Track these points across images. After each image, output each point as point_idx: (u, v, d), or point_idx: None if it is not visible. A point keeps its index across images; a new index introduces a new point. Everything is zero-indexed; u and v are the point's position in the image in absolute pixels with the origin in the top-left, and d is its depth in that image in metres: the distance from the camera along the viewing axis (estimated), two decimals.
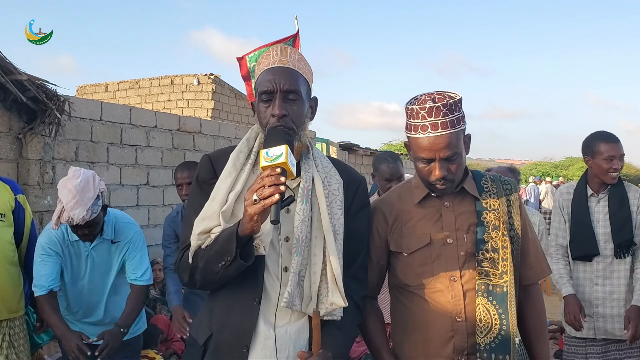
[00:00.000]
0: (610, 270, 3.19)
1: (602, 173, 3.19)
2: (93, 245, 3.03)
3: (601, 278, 3.21)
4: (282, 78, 1.73)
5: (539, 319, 2.02)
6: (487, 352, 1.81)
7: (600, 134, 3.28)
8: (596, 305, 3.21)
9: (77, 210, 2.73)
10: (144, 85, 16.27)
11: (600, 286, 3.21)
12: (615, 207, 3.20)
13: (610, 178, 3.18)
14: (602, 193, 3.26)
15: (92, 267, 3.06)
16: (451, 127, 1.77)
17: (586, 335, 3.24)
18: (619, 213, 3.18)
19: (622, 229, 3.16)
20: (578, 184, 3.36)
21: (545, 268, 2.04)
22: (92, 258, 3.06)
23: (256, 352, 1.72)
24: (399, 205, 1.99)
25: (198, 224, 1.70)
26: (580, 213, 3.26)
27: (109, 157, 5.69)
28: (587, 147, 3.29)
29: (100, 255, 3.08)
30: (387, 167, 3.73)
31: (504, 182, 1.99)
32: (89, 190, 2.78)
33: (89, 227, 2.87)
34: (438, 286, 1.87)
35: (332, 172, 1.85)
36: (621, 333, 3.16)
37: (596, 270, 3.22)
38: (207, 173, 1.85)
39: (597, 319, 3.21)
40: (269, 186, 1.49)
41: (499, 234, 1.87)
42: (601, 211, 3.24)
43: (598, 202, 3.26)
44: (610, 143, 3.19)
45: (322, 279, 1.74)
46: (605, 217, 3.22)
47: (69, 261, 3.03)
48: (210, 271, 1.68)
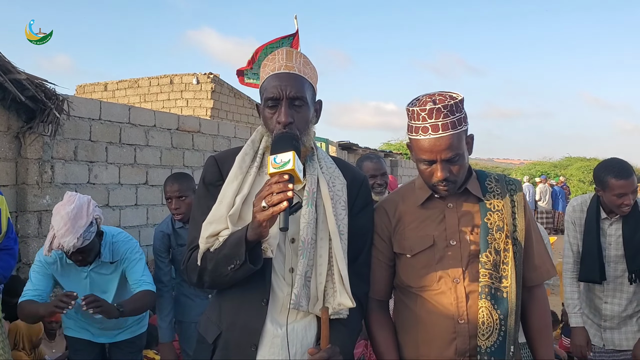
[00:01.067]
0: (620, 290, 3.15)
1: (613, 207, 3.05)
2: (92, 268, 3.05)
3: (610, 297, 3.17)
4: (288, 84, 1.74)
5: (544, 320, 2.01)
6: (487, 355, 1.80)
7: (612, 168, 3.03)
8: (604, 319, 3.19)
9: (68, 238, 2.73)
10: (143, 84, 16.24)
11: (609, 305, 3.17)
12: (629, 232, 3.07)
13: (622, 212, 3.04)
14: (615, 217, 3.13)
15: (92, 286, 3.07)
16: (452, 128, 1.76)
17: (593, 342, 3.24)
18: (634, 239, 3.05)
19: (637, 256, 3.05)
20: (591, 204, 3.20)
21: (550, 269, 2.02)
22: (91, 278, 3.08)
23: (264, 351, 1.76)
24: (402, 206, 1.98)
25: (206, 227, 1.73)
26: (592, 236, 3.15)
27: (108, 156, 5.68)
28: (597, 178, 3.09)
29: (100, 276, 3.10)
30: (370, 163, 3.89)
31: (508, 182, 1.98)
32: (82, 217, 2.79)
33: (81, 253, 2.87)
34: (441, 288, 1.86)
35: (336, 173, 1.87)
36: (628, 344, 3.15)
37: (605, 290, 3.18)
38: (213, 175, 1.87)
39: (604, 331, 3.20)
40: (278, 193, 1.50)
41: (502, 235, 1.86)
42: (614, 234, 3.14)
43: (611, 224, 3.15)
44: (621, 180, 2.95)
45: (327, 280, 1.77)
46: (617, 239, 3.12)
47: (67, 279, 3.05)
48: (220, 274, 1.71)
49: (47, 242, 2.80)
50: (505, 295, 1.83)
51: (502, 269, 1.85)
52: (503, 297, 1.83)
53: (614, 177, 2.96)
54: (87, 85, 17.13)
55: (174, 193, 3.35)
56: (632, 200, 2.99)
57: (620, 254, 3.10)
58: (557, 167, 32.08)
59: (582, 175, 27.94)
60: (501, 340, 1.81)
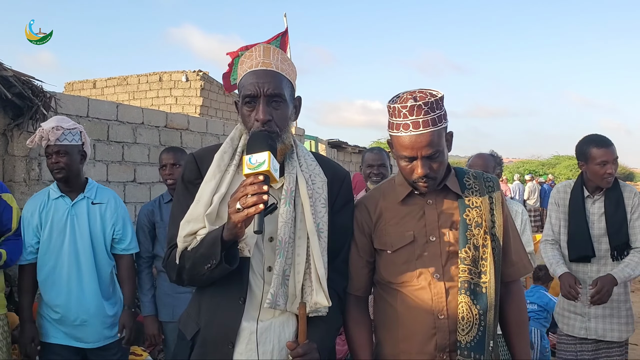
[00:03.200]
0: (604, 271, 3.17)
1: (596, 178, 3.16)
2: (74, 202, 3.14)
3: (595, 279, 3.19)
4: (266, 82, 1.72)
5: (520, 315, 2.04)
6: (467, 351, 1.82)
7: (592, 139, 3.23)
8: (589, 306, 3.19)
9: (52, 124, 3.05)
10: (132, 82, 16.16)
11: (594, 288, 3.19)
12: (611, 209, 3.17)
13: (606, 182, 3.15)
14: (598, 194, 3.24)
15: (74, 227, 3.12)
16: (432, 125, 1.78)
17: (577, 334, 3.26)
18: (616, 215, 3.16)
19: (619, 232, 3.15)
20: (575, 185, 3.33)
21: (527, 265, 2.04)
22: (73, 216, 3.13)
23: (241, 348, 1.76)
24: (382, 202, 2.00)
25: (184, 226, 1.73)
26: (577, 215, 3.24)
27: (96, 153, 5.66)
28: (579, 152, 3.25)
29: (82, 215, 3.15)
30: (370, 154, 4.06)
31: (486, 179, 2.00)
32: (67, 121, 3.12)
33: (59, 154, 3.05)
34: (421, 283, 1.88)
35: (317, 171, 1.86)
36: (612, 335, 3.19)
37: (590, 272, 3.22)
38: (192, 173, 1.86)
39: (589, 319, 3.22)
40: (252, 195, 1.49)
41: (480, 231, 1.89)
42: (596, 212, 3.23)
43: (594, 203, 3.24)
44: (602, 148, 3.14)
45: (305, 278, 1.77)
46: (600, 218, 3.21)
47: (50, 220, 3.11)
48: (197, 273, 1.71)
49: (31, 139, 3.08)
50: (485, 290, 1.86)
51: (481, 264, 1.87)
52: (482, 292, 1.86)
53: (595, 146, 3.14)
54: (75, 83, 17.03)
55: (169, 160, 3.59)
56: (614, 170, 3.12)
57: (603, 232, 3.18)
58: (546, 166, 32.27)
59: (570, 173, 28.14)
60: (480, 335, 1.84)
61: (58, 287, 3.10)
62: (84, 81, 17.03)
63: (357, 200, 2.09)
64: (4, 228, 3.11)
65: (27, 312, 3.13)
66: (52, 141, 3.02)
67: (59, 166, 3.07)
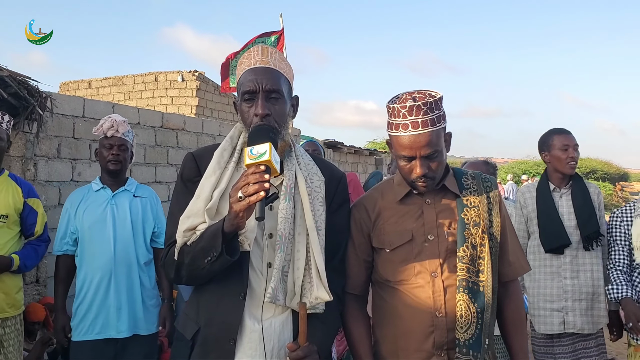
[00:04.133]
0: (577, 263, 3.23)
1: (560, 165, 3.29)
2: (115, 193, 3.24)
3: (569, 271, 3.24)
4: (264, 78, 1.76)
5: (518, 314, 2.05)
6: (465, 348, 1.83)
7: (553, 129, 3.42)
8: (565, 299, 3.23)
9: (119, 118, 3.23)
10: (127, 82, 16.14)
11: (569, 279, 3.23)
12: (579, 200, 3.27)
13: (569, 168, 3.27)
14: (564, 188, 3.33)
15: (114, 216, 3.19)
16: (431, 125, 1.80)
17: (557, 330, 3.25)
18: (584, 206, 3.25)
19: (589, 222, 3.22)
20: (540, 181, 3.44)
21: (524, 265, 2.06)
22: (113, 206, 3.20)
23: (242, 346, 1.76)
24: (381, 202, 2.02)
25: (183, 221, 1.73)
26: (547, 207, 3.32)
27: (92, 153, 5.63)
28: (542, 143, 3.42)
29: (122, 205, 3.23)
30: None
31: (484, 180, 2.02)
32: None
33: (120, 147, 3.21)
34: (419, 282, 1.90)
35: (314, 170, 1.89)
36: (590, 327, 3.20)
37: (563, 264, 3.26)
38: (191, 171, 1.88)
39: (566, 313, 3.23)
40: (254, 184, 1.51)
41: (478, 230, 1.90)
42: (565, 205, 3.31)
43: (561, 196, 3.33)
44: (562, 134, 3.32)
45: (305, 274, 1.78)
46: (569, 210, 3.28)
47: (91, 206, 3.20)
48: (196, 267, 1.71)
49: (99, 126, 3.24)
50: (482, 289, 1.87)
51: (479, 263, 1.89)
52: (480, 290, 1.87)
53: (556, 134, 3.34)
54: (71, 83, 16.99)
55: None
56: (576, 156, 3.27)
57: (574, 224, 3.25)
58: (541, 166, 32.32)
59: None
60: (478, 333, 1.85)
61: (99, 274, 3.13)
62: (79, 81, 16.99)
63: (356, 200, 2.12)
64: (28, 232, 3.19)
65: (61, 301, 3.21)
66: (120, 133, 3.21)
67: (118, 159, 3.21)
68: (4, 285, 3.05)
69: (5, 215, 3.07)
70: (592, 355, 3.23)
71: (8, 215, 3.09)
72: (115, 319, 3.12)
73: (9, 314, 3.09)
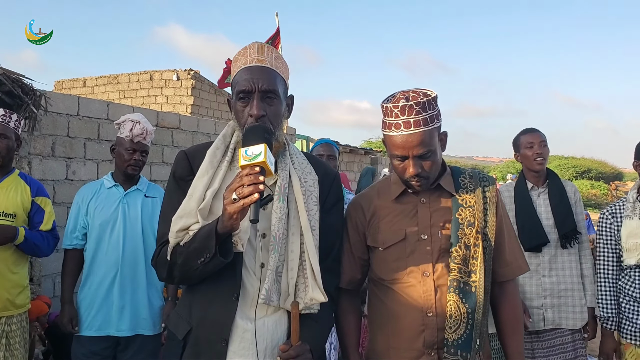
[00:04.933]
0: (555, 261, 3.28)
1: (529, 162, 3.36)
2: (127, 192, 3.24)
3: (547, 269, 3.28)
4: (261, 78, 1.73)
5: (514, 315, 2.04)
6: (454, 348, 1.84)
7: (522, 130, 3.53)
8: (544, 297, 3.27)
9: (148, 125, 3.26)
10: (122, 80, 16.09)
11: (547, 277, 3.27)
12: (556, 199, 3.33)
13: (537, 164, 3.33)
14: (541, 187, 3.39)
15: (125, 215, 3.18)
16: (424, 125, 1.79)
17: (537, 327, 3.27)
18: (561, 205, 3.31)
19: (566, 220, 3.27)
20: (518, 180, 3.49)
21: (522, 265, 2.05)
22: (125, 205, 3.20)
23: (235, 346, 1.75)
24: (377, 200, 2.02)
25: (176, 221, 1.71)
26: (525, 205, 3.36)
27: (86, 152, 5.64)
28: (513, 144, 3.52)
29: (134, 205, 3.23)
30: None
31: (482, 179, 2.02)
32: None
33: (142, 154, 3.25)
34: (411, 281, 1.90)
35: (308, 169, 1.87)
36: (567, 322, 3.25)
37: (542, 262, 3.29)
38: (184, 170, 1.85)
39: (545, 310, 3.27)
40: (248, 185, 1.49)
41: (472, 231, 1.90)
42: (542, 204, 3.35)
43: (539, 195, 3.38)
44: (528, 133, 3.43)
45: (299, 275, 1.77)
46: (547, 209, 3.33)
47: (101, 204, 3.19)
48: (189, 267, 1.69)
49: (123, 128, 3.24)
50: (474, 289, 1.87)
51: (472, 263, 1.88)
52: (471, 291, 1.87)
53: (522, 133, 3.48)
54: (65, 81, 16.93)
55: None
56: (544, 152, 3.34)
57: (551, 223, 3.30)
58: None
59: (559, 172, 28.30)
60: (468, 333, 1.85)
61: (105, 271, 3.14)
62: (74, 79, 16.92)
63: (353, 199, 2.12)
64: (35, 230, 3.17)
65: (68, 294, 3.20)
66: (147, 140, 3.25)
67: (139, 164, 3.24)
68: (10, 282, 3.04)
69: (13, 214, 3.06)
70: (569, 351, 3.27)
71: (16, 214, 3.08)
72: (117, 318, 3.11)
73: (15, 312, 3.08)
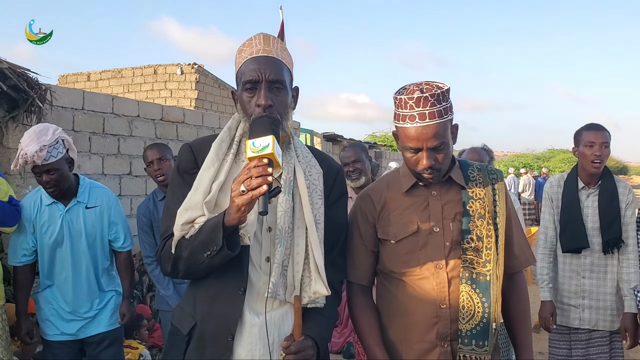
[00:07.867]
0: (597, 264, 3.22)
1: (585, 162, 3.19)
2: (67, 209, 3.11)
3: (588, 272, 3.24)
4: (267, 68, 1.71)
5: (523, 306, 2.06)
6: (468, 338, 1.84)
7: (586, 124, 3.31)
8: (582, 297, 3.24)
9: (32, 146, 2.86)
10: (126, 74, 16.09)
11: (587, 279, 3.24)
12: (605, 202, 3.19)
13: (593, 167, 3.16)
14: (592, 187, 3.25)
15: (70, 233, 3.11)
16: (439, 117, 1.78)
17: (571, 324, 3.28)
18: (609, 209, 3.17)
19: (612, 226, 3.15)
20: (569, 176, 3.35)
21: (530, 257, 2.06)
22: (68, 222, 3.11)
23: (242, 341, 1.73)
24: (387, 193, 2.01)
25: (181, 214, 1.69)
26: (572, 206, 3.25)
27: (91, 146, 5.63)
28: (575, 138, 3.33)
29: (77, 220, 3.13)
30: (343, 152, 4.24)
31: (490, 172, 2.01)
32: (47, 134, 2.93)
33: (49, 172, 2.95)
34: (424, 273, 1.89)
35: (312, 162, 1.86)
36: (605, 325, 3.22)
37: (583, 264, 3.25)
38: (188, 163, 1.82)
39: (582, 310, 3.25)
40: (257, 177, 1.47)
41: (484, 222, 1.90)
42: (590, 205, 3.24)
43: (588, 196, 3.25)
44: (591, 130, 3.22)
45: (304, 268, 1.75)
46: (594, 212, 3.22)
47: (45, 224, 3.09)
48: (195, 261, 1.67)
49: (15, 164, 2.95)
50: (489, 278, 1.87)
51: (485, 254, 1.88)
52: (486, 280, 1.87)
53: (585, 129, 3.26)
54: (69, 75, 16.94)
55: (155, 156, 3.61)
56: (603, 155, 3.16)
57: (597, 226, 3.20)
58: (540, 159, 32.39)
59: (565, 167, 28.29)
60: (483, 324, 1.85)
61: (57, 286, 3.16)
62: (78, 74, 16.94)
63: (362, 191, 2.11)
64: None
65: (23, 306, 3.16)
66: (40, 161, 2.90)
67: (51, 184, 3.00)
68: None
69: None
70: (604, 353, 3.24)
71: None
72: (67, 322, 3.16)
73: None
